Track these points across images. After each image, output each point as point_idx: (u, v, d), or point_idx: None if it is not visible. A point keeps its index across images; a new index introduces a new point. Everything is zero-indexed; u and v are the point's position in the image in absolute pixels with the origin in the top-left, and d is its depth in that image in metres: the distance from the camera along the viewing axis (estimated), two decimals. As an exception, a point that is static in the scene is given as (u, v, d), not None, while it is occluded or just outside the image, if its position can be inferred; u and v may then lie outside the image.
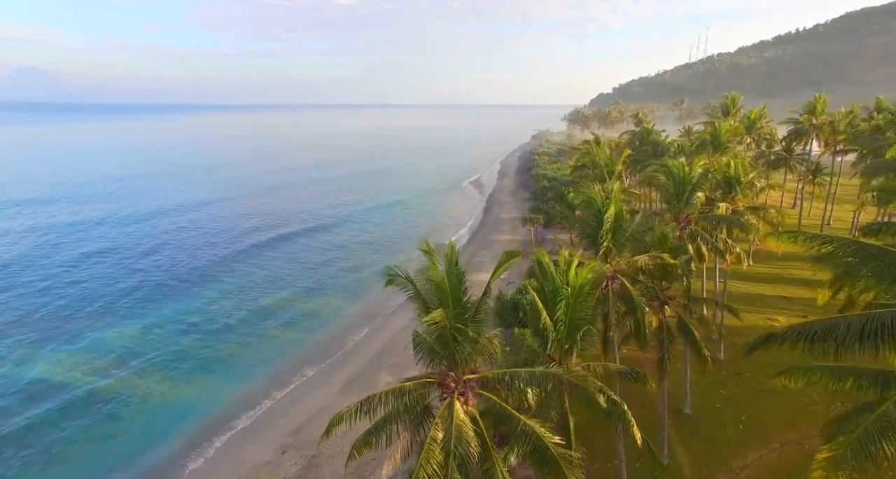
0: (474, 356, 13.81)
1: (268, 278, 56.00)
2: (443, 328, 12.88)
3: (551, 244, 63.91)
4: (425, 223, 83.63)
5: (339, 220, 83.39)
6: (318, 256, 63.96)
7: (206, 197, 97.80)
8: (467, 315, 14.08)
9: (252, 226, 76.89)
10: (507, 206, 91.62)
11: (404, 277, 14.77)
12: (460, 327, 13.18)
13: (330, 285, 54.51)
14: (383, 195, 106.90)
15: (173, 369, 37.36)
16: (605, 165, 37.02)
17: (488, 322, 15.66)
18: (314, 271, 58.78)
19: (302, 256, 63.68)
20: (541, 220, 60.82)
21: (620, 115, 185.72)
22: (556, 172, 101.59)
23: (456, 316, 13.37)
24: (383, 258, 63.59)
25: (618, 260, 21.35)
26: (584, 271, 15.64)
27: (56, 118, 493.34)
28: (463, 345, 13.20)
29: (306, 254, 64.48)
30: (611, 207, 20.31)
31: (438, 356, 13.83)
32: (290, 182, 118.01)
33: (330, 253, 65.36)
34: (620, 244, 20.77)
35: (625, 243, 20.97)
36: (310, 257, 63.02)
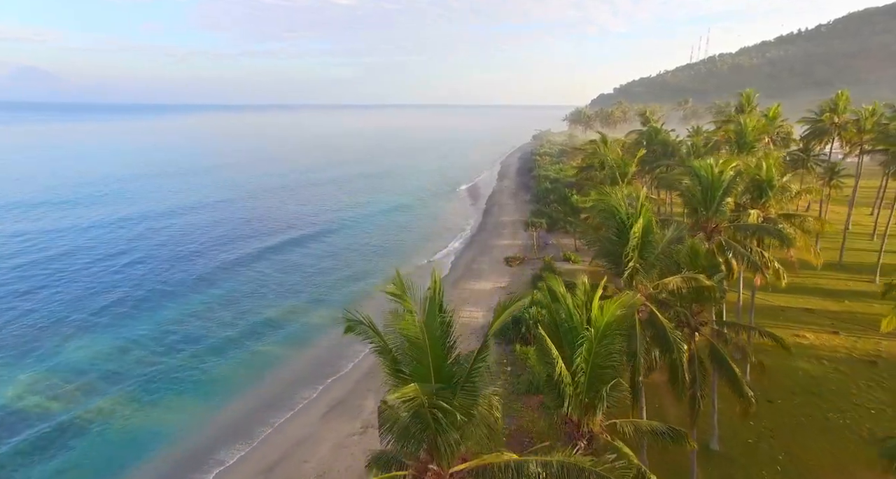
0: (465, 440, 10.08)
1: (258, 289, 52.50)
2: (419, 406, 9.22)
3: (555, 249, 60.52)
4: (424, 227, 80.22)
5: (336, 225, 79.74)
6: (311, 265, 60.35)
7: (202, 200, 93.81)
8: (455, 383, 10.16)
9: (245, 232, 73.05)
10: (507, 208, 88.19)
11: (367, 325, 11.15)
12: (444, 406, 9.27)
13: (322, 297, 50.93)
14: (382, 197, 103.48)
15: (144, 392, 33.92)
16: (616, 166, 33.52)
17: (486, 380, 11.88)
18: (306, 281, 55.21)
19: (293, 265, 60.00)
20: (543, 224, 57.42)
21: (623, 114, 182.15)
22: (557, 173, 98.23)
23: (439, 392, 9.43)
24: (380, 266, 60.29)
25: (645, 284, 17.72)
26: (611, 306, 12.12)
27: (55, 118, 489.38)
28: (448, 431, 9.45)
29: (298, 263, 60.75)
30: (639, 219, 16.67)
31: (415, 440, 10.08)
32: (288, 184, 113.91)
33: (324, 262, 61.69)
34: (649, 264, 17.12)
35: (654, 263, 17.29)
36: (301, 267, 59.28)
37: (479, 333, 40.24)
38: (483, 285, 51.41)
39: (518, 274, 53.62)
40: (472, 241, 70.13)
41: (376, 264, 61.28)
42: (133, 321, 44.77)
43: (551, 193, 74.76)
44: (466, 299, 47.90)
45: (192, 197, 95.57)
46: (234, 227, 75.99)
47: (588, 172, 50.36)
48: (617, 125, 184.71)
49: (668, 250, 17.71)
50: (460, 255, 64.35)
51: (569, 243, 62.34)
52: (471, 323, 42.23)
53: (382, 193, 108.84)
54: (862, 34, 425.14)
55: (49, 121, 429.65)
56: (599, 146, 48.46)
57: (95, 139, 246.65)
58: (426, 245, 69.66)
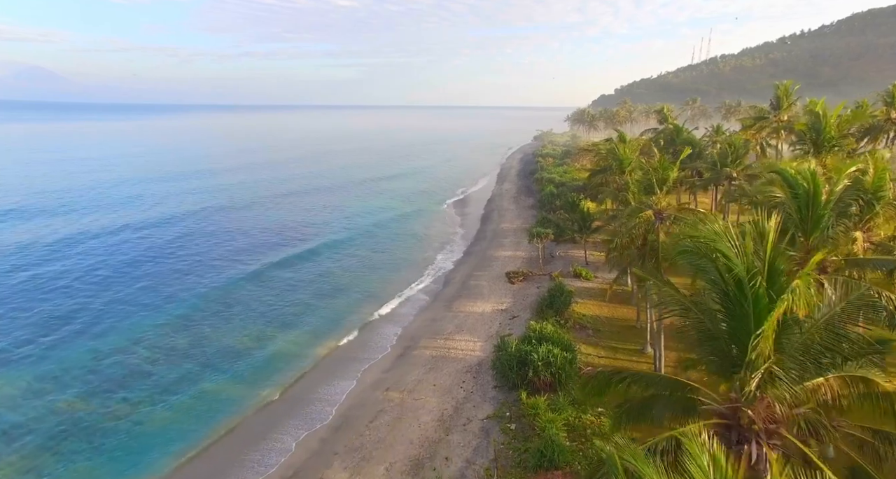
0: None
1: (218, 317, 45.01)
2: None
3: (563, 263, 53.27)
4: (418, 235, 72.96)
5: (334, 238, 71.85)
6: (292, 285, 52.46)
7: (191, 208, 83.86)
8: None
9: (222, 252, 63.75)
10: (508, 214, 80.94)
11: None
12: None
13: (300, 327, 43.17)
14: (376, 203, 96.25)
15: (44, 455, 26.57)
16: (654, 169, 26.23)
17: None
18: (277, 305, 47.75)
19: (268, 287, 51.15)
20: (550, 235, 50.17)
21: (629, 114, 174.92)
22: (562, 175, 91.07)
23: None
24: (370, 285, 53.04)
25: (781, 395, 9.62)
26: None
27: (57, 117, 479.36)
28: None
29: (277, 284, 51.95)
30: (781, 302, 8.63)
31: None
32: (286, 191, 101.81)
33: (308, 287, 51.71)
34: (794, 365, 9.13)
35: (804, 358, 9.45)
36: (278, 289, 50.73)
37: (474, 371, 32.97)
38: (481, 307, 44.15)
39: (521, 293, 46.36)
40: (468, 252, 62.82)
41: (362, 277, 54.11)
42: (62, 351, 37.42)
43: (557, 198, 67.59)
44: (461, 325, 40.64)
45: (178, 207, 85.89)
46: (199, 242, 67.23)
47: (602, 175, 43.24)
48: (622, 125, 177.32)
49: (834, 331, 9.74)
50: (455, 268, 57.06)
51: (578, 255, 55.11)
52: (466, 358, 34.95)
53: (377, 198, 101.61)
54: (867, 35, 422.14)
55: (48, 120, 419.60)
56: (617, 146, 41.37)
57: (92, 139, 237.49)
58: (419, 256, 62.41)
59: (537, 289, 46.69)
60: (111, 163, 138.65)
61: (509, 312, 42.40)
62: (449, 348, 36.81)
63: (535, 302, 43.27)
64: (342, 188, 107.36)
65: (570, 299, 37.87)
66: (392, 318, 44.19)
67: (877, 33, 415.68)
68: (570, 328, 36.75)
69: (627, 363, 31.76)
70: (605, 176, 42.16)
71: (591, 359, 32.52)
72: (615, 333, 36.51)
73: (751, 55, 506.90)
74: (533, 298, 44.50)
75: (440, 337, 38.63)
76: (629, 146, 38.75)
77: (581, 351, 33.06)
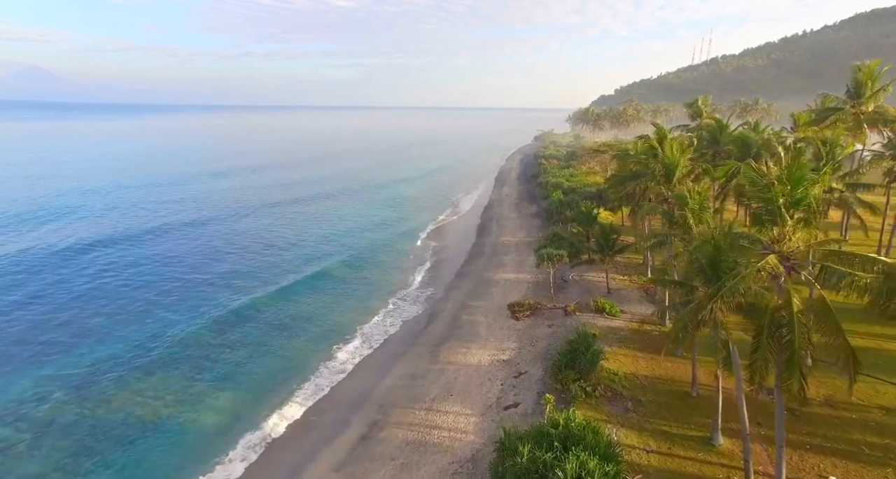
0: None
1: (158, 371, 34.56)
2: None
3: (578, 290, 42.93)
4: (404, 251, 62.63)
5: (321, 250, 61.67)
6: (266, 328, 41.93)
7: (153, 223, 70.70)
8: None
9: (147, 298, 51.71)
10: (509, 224, 70.54)
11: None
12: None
13: (251, 377, 33.09)
14: (361, 211, 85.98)
15: None
16: (781, 182, 15.58)
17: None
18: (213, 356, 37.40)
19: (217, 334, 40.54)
20: (565, 257, 39.80)
21: (636, 113, 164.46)
22: (569, 179, 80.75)
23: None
24: (338, 316, 42.73)
25: None
26: None
27: (51, 117, 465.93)
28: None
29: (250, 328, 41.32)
30: None
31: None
32: (271, 201, 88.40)
33: (259, 322, 42.93)
34: None
35: None
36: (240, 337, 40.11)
37: (467, 473, 22.50)
38: (477, 355, 33.74)
39: (529, 335, 35.94)
40: (461, 273, 52.37)
41: (331, 307, 43.75)
42: None
43: (567, 207, 57.25)
44: (450, 386, 30.21)
45: (162, 218, 73.37)
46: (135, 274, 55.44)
47: (635, 183, 32.92)
48: (630, 125, 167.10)
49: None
50: (445, 295, 46.61)
51: (597, 280, 44.78)
52: (454, 447, 24.48)
53: (366, 205, 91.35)
54: (870, 35, 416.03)
55: (46, 120, 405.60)
56: (657, 146, 31.09)
57: (68, 141, 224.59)
58: (400, 278, 52.05)
59: (549, 329, 36.32)
60: (88, 167, 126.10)
61: (514, 364, 31.96)
62: (431, 425, 26.35)
63: (547, 349, 32.93)
64: (333, 196, 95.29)
65: (599, 355, 27.45)
66: (360, 372, 33.75)
67: (880, 33, 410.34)
68: (600, 398, 26.38)
69: (693, 468, 21.34)
70: (640, 185, 31.92)
71: (638, 457, 22.10)
72: (663, 405, 26.09)
73: (752, 55, 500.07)
74: (544, 342, 34.11)
75: (420, 406, 28.19)
76: (674, 145, 28.45)
77: (620, 439, 22.79)
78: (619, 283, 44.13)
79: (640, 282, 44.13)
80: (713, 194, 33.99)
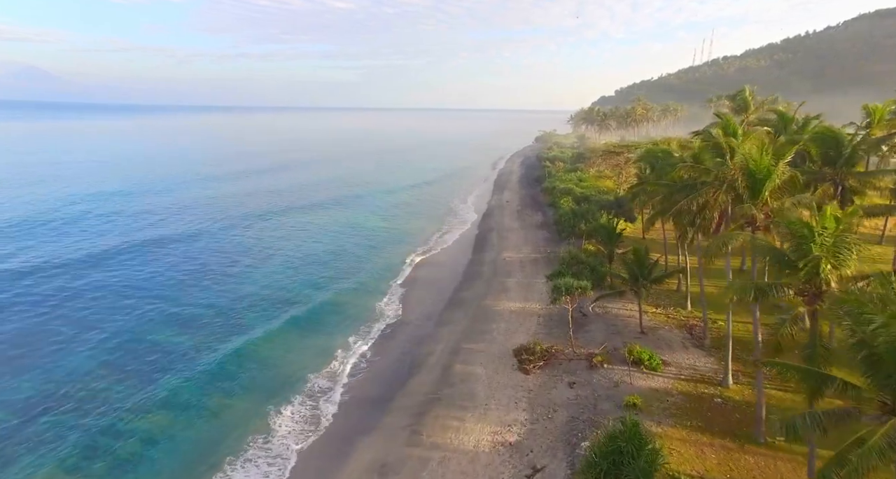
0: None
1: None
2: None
3: (604, 330, 33.77)
4: (390, 268, 53.38)
5: (307, 261, 52.35)
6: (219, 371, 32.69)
7: (132, 240, 59.80)
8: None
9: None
10: (511, 236, 61.25)
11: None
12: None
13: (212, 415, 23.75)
14: (346, 219, 76.83)
15: None
16: None
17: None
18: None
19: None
20: (588, 290, 30.56)
21: (646, 112, 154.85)
22: (577, 183, 71.58)
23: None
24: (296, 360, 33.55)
25: None
26: None
27: (45, 116, 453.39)
28: None
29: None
30: None
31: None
32: (250, 212, 76.79)
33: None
34: None
35: None
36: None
37: None
38: (473, 434, 24.44)
39: (543, 398, 26.65)
40: (454, 301, 42.96)
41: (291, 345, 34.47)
42: None
43: (580, 218, 48.01)
44: (434, 489, 20.88)
45: (141, 231, 63.39)
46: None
47: (694, 196, 23.72)
48: (639, 125, 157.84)
49: None
50: (434, 331, 37.29)
51: (626, 313, 35.64)
52: None
53: (351, 212, 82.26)
54: (874, 36, 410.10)
55: (29, 120, 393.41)
56: (729, 145, 21.95)
57: (54, 142, 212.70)
58: (376, 310, 42.79)
59: (570, 389, 27.10)
60: (66, 171, 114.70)
61: (525, 452, 22.68)
62: None
63: (570, 426, 23.77)
64: (320, 206, 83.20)
65: (658, 458, 18.13)
66: (310, 460, 24.36)
67: (884, 33, 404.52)
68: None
69: None
70: (698, 197, 22.67)
71: None
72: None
73: (755, 56, 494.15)
74: (565, 414, 24.89)
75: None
76: (763, 145, 19.20)
77: None
78: (653, 317, 35.00)
79: (680, 317, 35.03)
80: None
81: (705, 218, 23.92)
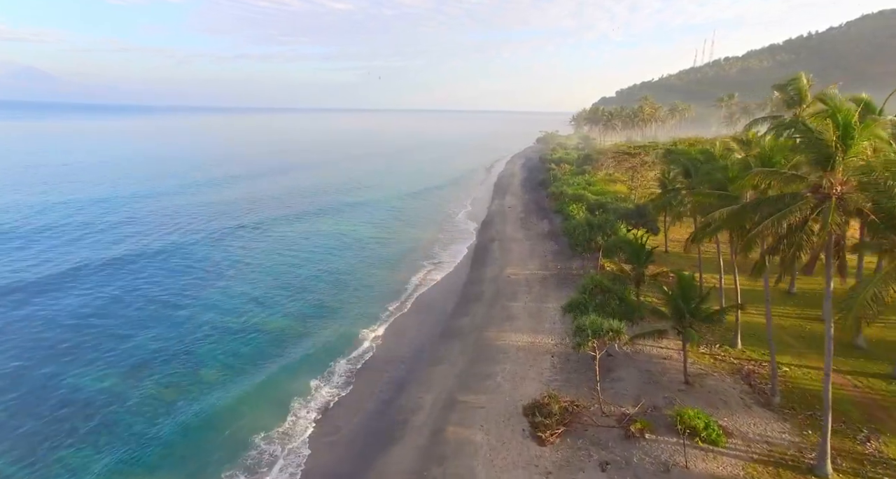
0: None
1: None
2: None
3: (635, 376, 26.68)
4: (371, 294, 46.22)
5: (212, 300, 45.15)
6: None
7: (99, 258, 51.78)
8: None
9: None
10: (515, 249, 54.05)
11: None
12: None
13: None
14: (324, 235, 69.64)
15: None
16: None
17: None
18: None
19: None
20: (623, 333, 23.38)
21: (654, 112, 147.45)
22: (586, 188, 64.42)
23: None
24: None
25: None
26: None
27: (40, 116, 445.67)
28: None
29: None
30: None
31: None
32: (223, 226, 66.21)
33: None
34: None
35: None
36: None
37: None
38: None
39: (567, 487, 19.42)
40: (447, 332, 35.69)
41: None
42: None
43: (598, 230, 40.82)
44: None
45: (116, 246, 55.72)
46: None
47: (762, 208, 16.66)
48: (647, 125, 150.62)
49: None
50: (424, 376, 30.06)
51: (662, 354, 28.52)
52: None
53: (344, 222, 75.11)
54: (878, 37, 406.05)
55: (22, 119, 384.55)
56: (837, 140, 15.02)
57: (42, 142, 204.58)
58: (351, 342, 35.58)
59: (604, 474, 19.89)
60: (43, 176, 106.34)
61: None
62: None
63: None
64: (307, 215, 75.07)
65: None
66: None
67: (888, 34, 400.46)
68: None
69: None
70: (794, 216, 15.76)
71: None
72: None
73: (758, 57, 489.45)
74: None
75: None
76: None
77: None
78: (695, 359, 27.87)
79: (730, 359, 27.88)
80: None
81: (795, 244, 16.91)
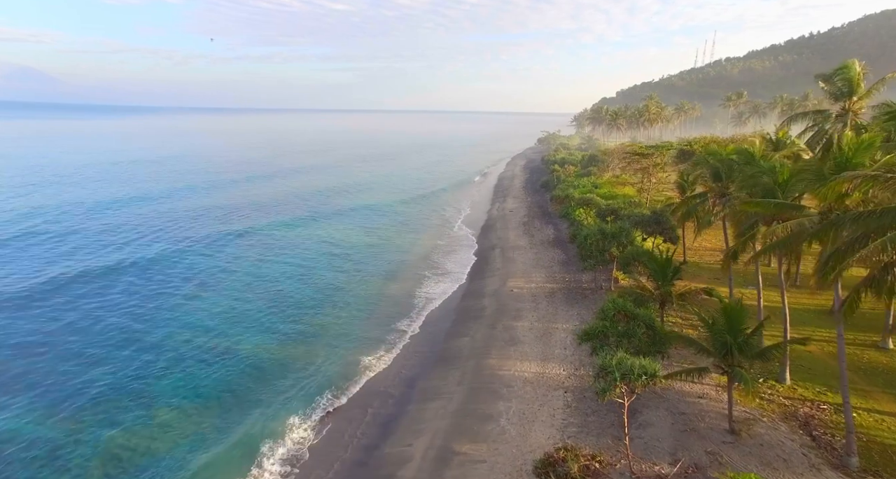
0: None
1: None
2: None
3: (668, 422, 22.12)
4: (365, 313, 41.73)
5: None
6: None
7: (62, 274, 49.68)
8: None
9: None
10: (518, 258, 49.47)
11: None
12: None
13: None
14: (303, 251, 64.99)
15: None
16: None
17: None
18: None
19: None
20: (659, 376, 18.83)
21: (660, 111, 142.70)
22: (593, 190, 59.93)
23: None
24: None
25: None
26: None
27: (35, 116, 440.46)
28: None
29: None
30: None
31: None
32: (195, 241, 57.58)
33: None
34: None
35: None
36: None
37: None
38: None
39: None
40: (444, 355, 31.10)
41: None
42: None
43: (612, 240, 36.29)
44: None
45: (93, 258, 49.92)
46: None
47: (857, 223, 12.18)
48: (653, 125, 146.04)
49: None
50: (415, 413, 25.49)
51: (698, 391, 24.04)
52: None
53: (333, 228, 70.54)
54: (881, 36, 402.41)
55: (17, 119, 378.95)
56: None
57: (31, 142, 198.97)
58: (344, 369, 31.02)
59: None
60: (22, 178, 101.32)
61: None
62: None
63: None
64: (301, 220, 68.92)
65: None
66: None
67: (891, 35, 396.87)
68: None
69: None
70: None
71: None
72: None
73: (759, 58, 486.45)
74: None
75: None
76: None
77: None
78: (738, 399, 23.32)
79: (780, 399, 23.35)
80: None
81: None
